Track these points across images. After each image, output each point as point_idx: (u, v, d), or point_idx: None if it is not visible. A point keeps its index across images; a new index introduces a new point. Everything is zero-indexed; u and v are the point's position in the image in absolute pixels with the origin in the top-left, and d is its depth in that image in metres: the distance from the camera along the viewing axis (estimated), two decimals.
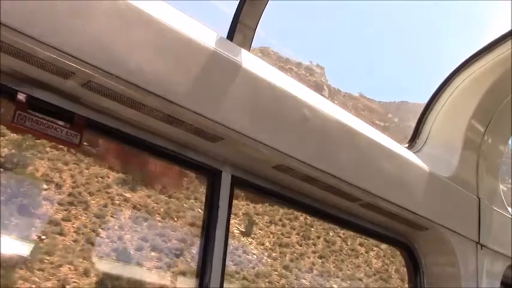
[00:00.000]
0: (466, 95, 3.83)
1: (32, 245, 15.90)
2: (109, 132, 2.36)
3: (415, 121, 4.01)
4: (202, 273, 2.52)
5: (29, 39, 1.82)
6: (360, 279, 25.19)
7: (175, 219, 20.41)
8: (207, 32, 2.41)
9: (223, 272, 2.56)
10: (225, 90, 2.42)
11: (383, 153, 3.28)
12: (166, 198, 20.68)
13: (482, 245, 3.75)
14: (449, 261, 3.59)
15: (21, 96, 2.07)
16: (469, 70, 3.80)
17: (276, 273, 23.01)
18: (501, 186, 4.20)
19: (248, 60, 2.56)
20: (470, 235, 3.70)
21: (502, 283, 3.96)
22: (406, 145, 3.88)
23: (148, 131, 2.40)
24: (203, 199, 2.69)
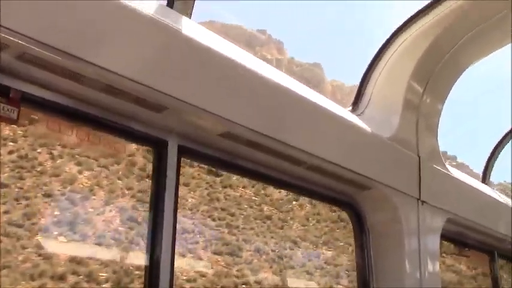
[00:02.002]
0: (405, 56, 3.92)
1: None
2: (47, 106, 2.27)
3: None
4: (152, 247, 2.51)
5: None
6: None
7: None
8: None
9: (173, 244, 2.55)
10: (166, 58, 2.38)
11: (327, 117, 3.34)
12: None
13: (423, 201, 3.91)
14: (392, 218, 3.73)
15: None
16: (408, 32, 3.89)
17: None
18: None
19: (189, 27, 2.51)
20: (411, 192, 3.85)
21: (442, 236, 4.17)
22: (350, 108, 3.96)
23: (89, 102, 2.33)
24: None
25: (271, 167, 3.22)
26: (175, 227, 2.54)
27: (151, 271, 2.46)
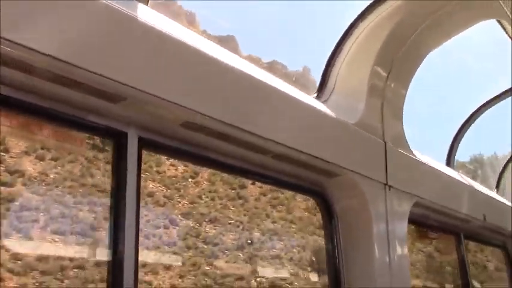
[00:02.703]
0: (368, 42, 3.91)
1: None
2: None
3: None
4: (115, 242, 2.41)
5: None
6: None
7: None
8: None
9: (137, 239, 2.47)
10: (124, 47, 2.28)
11: (292, 105, 3.29)
12: None
13: (390, 186, 3.92)
14: (360, 204, 3.72)
15: None
16: (370, 18, 3.88)
17: None
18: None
19: (146, 14, 2.42)
20: (378, 177, 3.86)
21: (409, 220, 4.20)
22: (315, 95, 3.93)
23: (41, 95, 2.21)
24: None
25: (237, 158, 3.15)
26: (138, 222, 2.45)
27: (115, 266, 2.37)
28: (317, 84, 4.00)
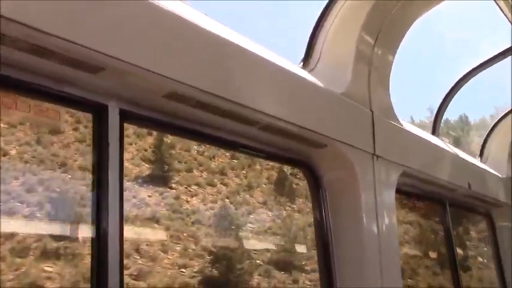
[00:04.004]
0: (355, 8, 3.81)
1: None
2: None
3: None
4: (98, 219, 2.33)
5: None
6: None
7: None
8: None
9: (121, 215, 2.39)
10: (101, 14, 2.15)
11: (278, 74, 3.20)
12: None
13: (377, 156, 3.88)
14: (348, 174, 3.67)
15: None
16: None
17: None
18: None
19: None
20: (366, 147, 3.81)
21: (396, 190, 4.18)
22: (301, 64, 3.84)
23: (14, 66, 2.08)
24: None
25: (222, 129, 3.07)
26: (122, 196, 2.36)
27: (99, 244, 2.30)
28: None
